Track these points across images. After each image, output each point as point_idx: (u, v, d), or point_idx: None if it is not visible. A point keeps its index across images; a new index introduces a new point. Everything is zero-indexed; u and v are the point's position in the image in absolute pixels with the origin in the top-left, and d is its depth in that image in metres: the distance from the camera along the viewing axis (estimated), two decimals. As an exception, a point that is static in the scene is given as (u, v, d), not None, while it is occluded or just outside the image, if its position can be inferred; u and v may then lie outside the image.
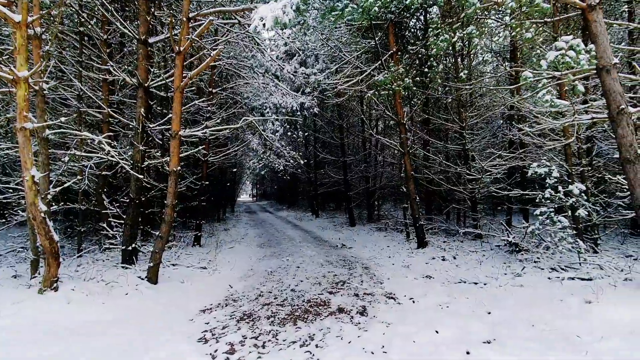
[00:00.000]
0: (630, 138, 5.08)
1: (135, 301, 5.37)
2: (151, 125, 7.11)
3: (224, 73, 11.73)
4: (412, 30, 12.32)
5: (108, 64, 7.56)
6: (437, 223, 11.88)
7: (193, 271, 7.31)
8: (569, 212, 6.53)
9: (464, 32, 5.07)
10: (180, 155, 7.17)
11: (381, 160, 17.48)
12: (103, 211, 8.27)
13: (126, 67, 8.39)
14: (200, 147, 7.33)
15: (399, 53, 8.67)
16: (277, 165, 9.94)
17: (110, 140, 7.39)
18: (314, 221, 18.51)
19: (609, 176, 6.12)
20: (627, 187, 6.84)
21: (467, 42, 11.53)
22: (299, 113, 9.75)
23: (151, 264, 6.28)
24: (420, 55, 8.79)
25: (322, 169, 19.45)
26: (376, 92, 7.54)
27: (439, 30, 5.29)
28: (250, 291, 6.03)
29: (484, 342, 3.85)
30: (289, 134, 11.09)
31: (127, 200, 7.08)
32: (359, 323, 4.44)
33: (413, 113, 9.50)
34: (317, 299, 5.49)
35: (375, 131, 15.65)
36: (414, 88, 7.46)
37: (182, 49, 6.21)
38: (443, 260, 7.69)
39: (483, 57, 13.33)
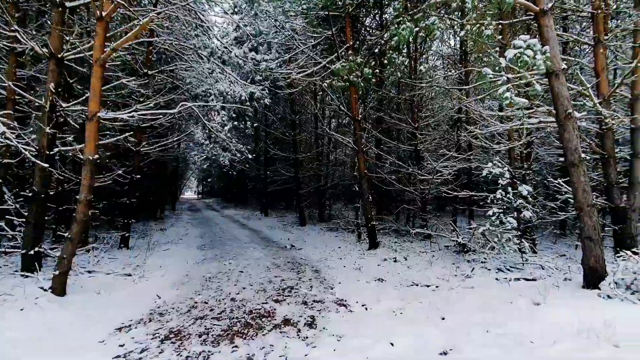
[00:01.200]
0: (575, 142, 5.20)
1: (32, 319, 4.29)
2: (64, 105, 5.89)
3: (163, 55, 10.50)
4: (369, 28, 12.16)
5: (14, 29, 6.15)
6: (388, 223, 11.84)
7: (114, 279, 6.23)
8: (515, 213, 6.66)
9: (427, 22, 4.82)
10: (101, 142, 6.07)
11: (333, 159, 17.23)
12: (1, 207, 6.77)
13: (42, 36, 6.98)
14: (127, 134, 6.22)
15: (356, 46, 8.34)
16: (222, 159, 9.04)
17: (8, 121, 6.02)
18: (262, 220, 17.69)
19: (550, 179, 6.33)
20: (563, 189, 7.20)
21: (420, 44, 11.63)
22: (248, 104, 8.97)
23: (57, 272, 5.15)
24: (378, 48, 8.53)
25: (272, 166, 18.68)
26: (332, 85, 7.09)
27: (401, 18, 5.00)
28: (182, 302, 5.20)
29: (440, 354, 3.55)
30: (241, 126, 10.18)
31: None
32: (307, 337, 3.91)
33: (368, 111, 9.26)
34: (260, 309, 4.86)
35: (328, 128, 15.32)
36: (373, 80, 7.14)
37: (104, 14, 5.18)
38: (395, 261, 7.49)
39: (434, 62, 13.64)
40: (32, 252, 5.63)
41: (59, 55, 5.72)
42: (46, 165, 5.56)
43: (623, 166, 7.66)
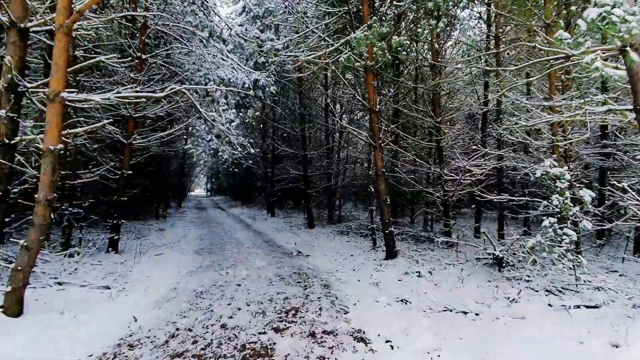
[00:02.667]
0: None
1: (-33, 351, 3.34)
2: (29, 86, 4.93)
3: (162, 39, 9.53)
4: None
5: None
6: (405, 228, 10.70)
7: (88, 293, 5.27)
8: (568, 222, 5.48)
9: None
10: (72, 130, 5.11)
11: (344, 157, 16.14)
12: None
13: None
14: (105, 122, 5.23)
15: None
16: (221, 153, 8.05)
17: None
18: (268, 221, 16.70)
19: (614, 182, 5.13)
20: (617, 195, 5.96)
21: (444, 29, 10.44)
22: (252, 92, 7.95)
23: (9, 288, 4.20)
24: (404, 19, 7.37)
25: (280, 164, 17.68)
26: (347, 62, 5.95)
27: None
28: (162, 328, 4.19)
29: None
30: (244, 117, 9.26)
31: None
32: (316, 395, 2.86)
33: (386, 101, 8.13)
34: (256, 342, 3.81)
35: (340, 120, 14.23)
36: (403, 53, 6.02)
37: (70, -30, 4.20)
38: (419, 276, 6.37)
39: (458, 49, 12.41)
40: (-14, 261, 4.70)
41: (22, 25, 4.77)
42: None
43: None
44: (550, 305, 4.89)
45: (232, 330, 4.12)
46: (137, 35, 8.29)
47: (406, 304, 5.10)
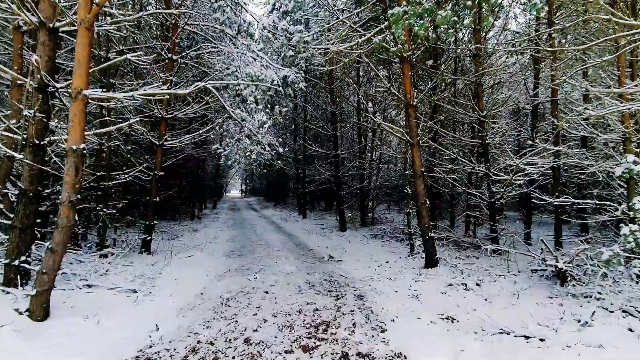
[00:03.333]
0: None
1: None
2: (58, 86, 4.90)
3: (194, 40, 9.51)
4: None
5: None
6: (444, 232, 9.88)
7: (115, 296, 5.16)
8: (653, 231, 4.54)
9: None
10: (97, 131, 5.02)
11: (377, 156, 15.48)
12: None
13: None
14: (131, 120, 5.09)
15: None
16: (249, 153, 7.81)
17: None
18: (300, 223, 16.41)
19: None
20: None
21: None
22: (281, 90, 7.64)
23: (35, 292, 4.12)
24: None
25: (311, 165, 17.36)
26: (382, 44, 5.38)
27: None
28: (183, 339, 3.91)
29: None
30: (277, 118, 8.97)
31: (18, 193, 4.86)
32: None
33: (423, 96, 7.41)
34: (282, 362, 3.40)
35: (371, 122, 13.62)
36: (450, 31, 5.39)
37: (93, -36, 4.05)
38: (465, 289, 5.67)
39: (503, 39, 11.40)
40: (16, 262, 4.69)
41: (51, 25, 4.73)
42: (21, 157, 4.58)
43: None
44: (631, 330, 4.05)
45: (256, 346, 3.74)
46: (170, 36, 8.28)
47: (453, 322, 4.46)
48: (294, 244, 10.66)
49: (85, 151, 4.26)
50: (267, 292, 5.63)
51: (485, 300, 5.20)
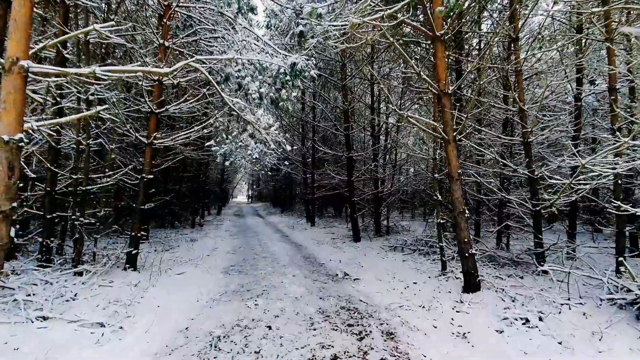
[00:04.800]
0: None
1: None
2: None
3: (189, 27, 8.45)
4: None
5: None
6: (476, 245, 8.56)
7: (76, 333, 4.00)
8: None
9: None
10: (48, 122, 3.97)
11: (392, 159, 14.24)
12: None
13: None
14: (100, 109, 3.93)
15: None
16: (250, 152, 6.68)
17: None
18: (308, 231, 15.19)
19: None
20: None
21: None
22: (288, 79, 6.51)
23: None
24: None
25: (321, 168, 16.18)
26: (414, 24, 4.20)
27: None
28: (146, 413, 2.71)
29: None
30: (284, 117, 7.93)
31: None
32: None
33: (462, 82, 6.11)
34: None
35: (385, 117, 12.44)
36: None
37: None
38: (527, 325, 4.37)
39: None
40: None
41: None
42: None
43: None
44: None
45: None
46: (162, 18, 7.23)
47: (527, 382, 3.19)
48: (302, 256, 9.45)
49: (23, 143, 3.14)
50: (269, 327, 4.41)
51: (560, 344, 3.91)
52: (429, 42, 5.89)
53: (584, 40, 8.31)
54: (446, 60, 6.28)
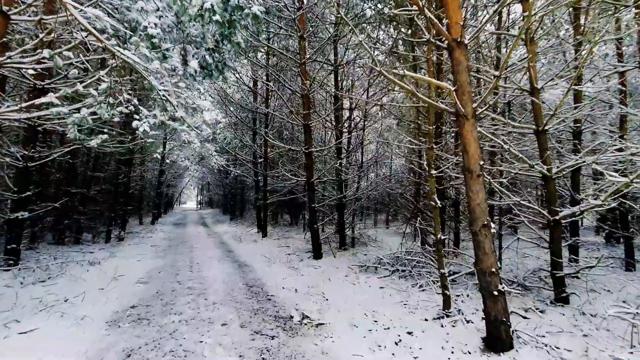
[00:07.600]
0: None
1: None
2: None
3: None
4: None
5: None
6: (459, 260, 6.69)
7: None
8: None
9: None
10: None
11: (359, 159, 12.25)
12: None
13: None
14: None
15: None
16: (185, 136, 4.17)
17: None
18: (258, 244, 12.60)
19: None
20: None
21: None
22: (218, 19, 4.11)
23: None
24: None
25: (275, 169, 13.75)
26: None
27: None
28: None
29: None
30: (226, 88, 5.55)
31: None
32: None
33: (483, 26, 4.12)
34: None
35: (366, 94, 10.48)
36: None
37: None
38: None
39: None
40: None
41: None
42: None
43: None
44: None
45: None
46: None
47: None
48: (245, 284, 6.91)
49: None
50: None
51: None
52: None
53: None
54: None
